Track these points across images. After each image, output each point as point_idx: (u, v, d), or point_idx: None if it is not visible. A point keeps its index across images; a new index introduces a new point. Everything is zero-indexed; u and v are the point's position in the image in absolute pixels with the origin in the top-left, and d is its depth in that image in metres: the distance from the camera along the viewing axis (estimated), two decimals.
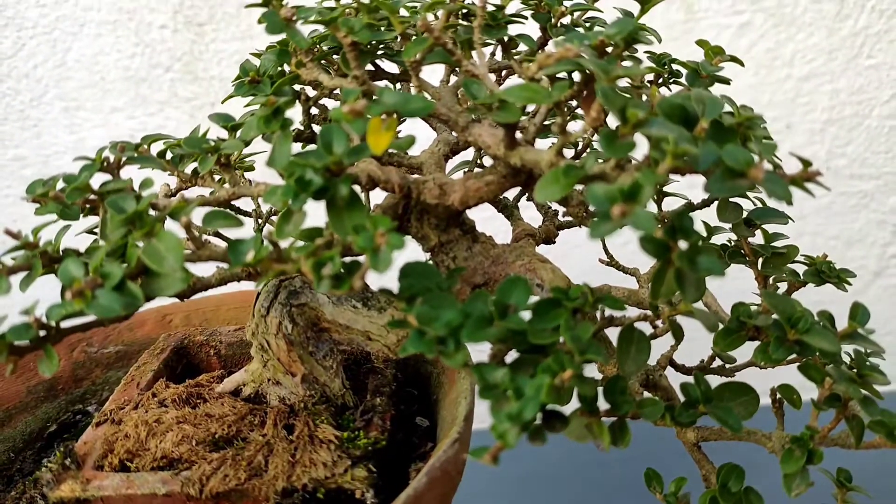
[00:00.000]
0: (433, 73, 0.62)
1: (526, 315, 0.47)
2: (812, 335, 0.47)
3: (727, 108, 0.51)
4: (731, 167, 0.40)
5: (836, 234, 1.47)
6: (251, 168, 0.69)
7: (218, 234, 0.70)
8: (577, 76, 0.46)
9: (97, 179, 0.55)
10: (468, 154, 0.71)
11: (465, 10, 0.54)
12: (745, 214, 0.60)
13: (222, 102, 0.61)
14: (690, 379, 0.53)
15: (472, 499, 1.13)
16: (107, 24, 1.24)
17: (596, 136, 0.65)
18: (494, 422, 0.41)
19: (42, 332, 0.45)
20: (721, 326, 0.53)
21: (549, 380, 0.41)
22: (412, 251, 0.60)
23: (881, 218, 1.46)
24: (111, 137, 1.31)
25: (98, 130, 1.31)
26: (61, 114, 1.29)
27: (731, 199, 0.62)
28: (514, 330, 0.44)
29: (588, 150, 0.69)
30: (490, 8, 0.54)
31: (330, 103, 0.63)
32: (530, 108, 0.55)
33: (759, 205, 0.62)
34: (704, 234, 0.68)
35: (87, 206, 0.49)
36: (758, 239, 0.63)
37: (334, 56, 0.56)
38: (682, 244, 0.40)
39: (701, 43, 0.60)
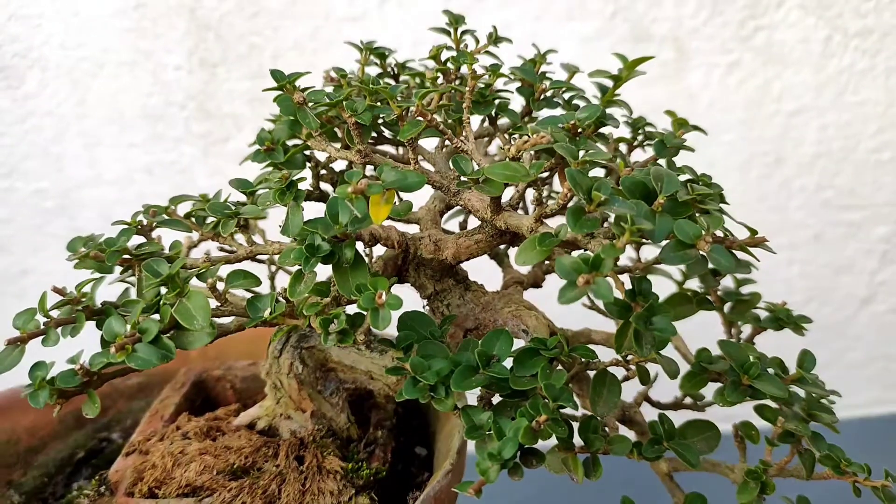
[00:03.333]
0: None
1: (509, 362, 0.54)
2: (762, 381, 0.54)
3: (688, 175, 0.57)
4: (681, 240, 0.46)
5: (827, 262, 1.52)
6: (264, 218, 0.76)
7: None
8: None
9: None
10: None
11: (456, 86, 0.60)
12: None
13: (240, 164, 0.68)
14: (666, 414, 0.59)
15: None
16: (125, 65, 1.30)
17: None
18: (478, 459, 0.47)
19: (85, 379, 0.51)
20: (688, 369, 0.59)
21: (527, 423, 0.47)
22: (412, 298, 0.66)
23: (869, 247, 1.51)
24: (129, 171, 1.37)
25: (116, 165, 1.37)
26: (81, 149, 1.35)
27: None
28: (497, 377, 0.51)
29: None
30: (480, 84, 0.61)
31: (337, 165, 0.70)
32: None
33: None
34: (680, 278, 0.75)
35: (124, 264, 0.56)
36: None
37: (343, 123, 0.62)
38: (640, 306, 0.46)
39: (669, 113, 0.66)
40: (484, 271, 0.77)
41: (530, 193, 0.69)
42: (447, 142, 0.61)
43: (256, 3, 1.26)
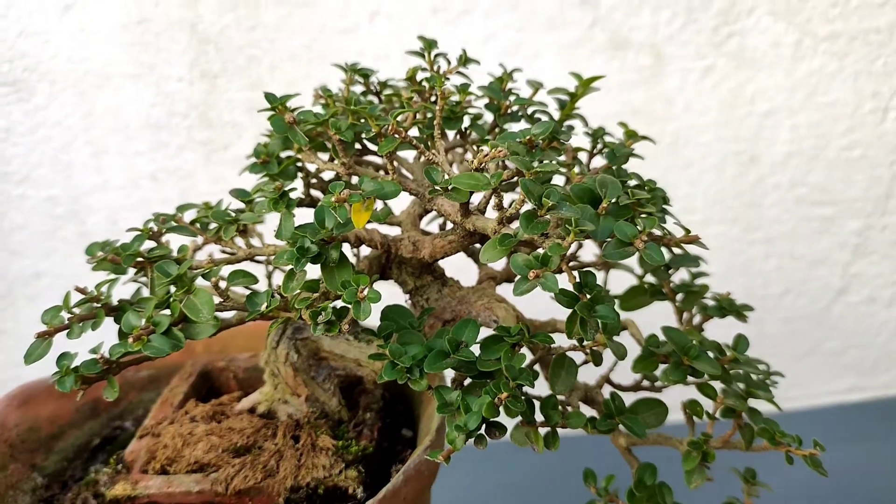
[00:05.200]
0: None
1: (478, 348, 0.61)
2: (699, 361, 0.61)
3: (635, 181, 0.64)
4: (621, 239, 0.53)
5: (802, 255, 1.58)
6: (262, 222, 0.83)
7: None
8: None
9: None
10: None
11: (429, 105, 0.67)
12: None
13: (239, 174, 0.75)
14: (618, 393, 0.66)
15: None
16: (130, 77, 1.36)
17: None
18: (448, 430, 0.54)
19: (105, 367, 0.59)
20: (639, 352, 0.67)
21: (489, 399, 0.54)
22: (395, 293, 0.73)
23: (842, 240, 1.57)
24: (134, 178, 1.44)
25: (123, 172, 1.43)
26: (89, 158, 1.41)
27: None
28: (465, 360, 0.58)
29: None
30: (452, 101, 0.68)
31: (327, 174, 0.77)
32: None
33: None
34: (639, 271, 0.82)
35: (137, 266, 0.63)
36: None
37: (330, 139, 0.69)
38: (586, 297, 0.54)
39: (622, 124, 0.74)
40: (465, 269, 0.84)
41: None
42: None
43: (254, 17, 1.32)
